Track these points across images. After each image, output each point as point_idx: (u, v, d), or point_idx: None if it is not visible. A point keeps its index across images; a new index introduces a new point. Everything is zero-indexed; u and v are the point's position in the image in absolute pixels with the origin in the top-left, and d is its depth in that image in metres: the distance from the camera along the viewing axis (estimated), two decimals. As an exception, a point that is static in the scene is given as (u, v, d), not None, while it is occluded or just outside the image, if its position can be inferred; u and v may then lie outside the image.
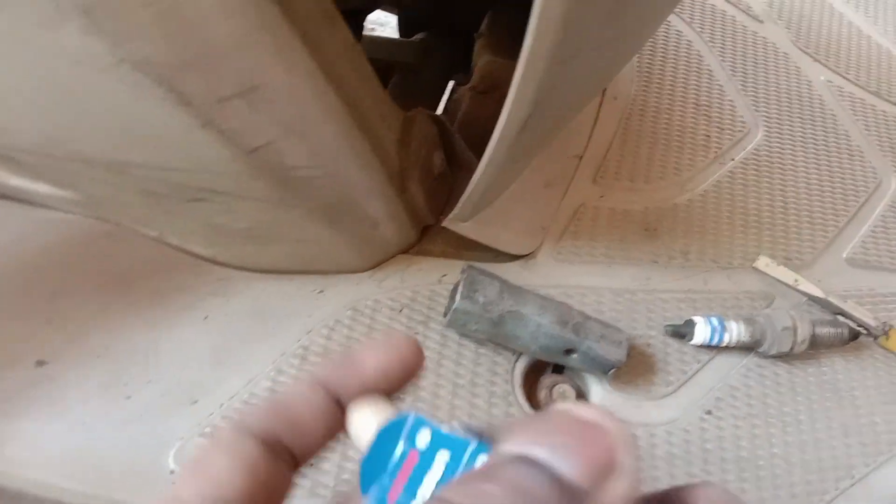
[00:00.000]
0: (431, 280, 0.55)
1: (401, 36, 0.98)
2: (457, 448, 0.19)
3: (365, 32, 0.94)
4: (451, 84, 0.92)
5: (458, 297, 0.49)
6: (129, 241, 0.50)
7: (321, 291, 0.52)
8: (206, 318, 0.50)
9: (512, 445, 0.18)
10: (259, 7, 0.36)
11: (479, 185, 0.49)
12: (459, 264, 0.56)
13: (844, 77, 0.86)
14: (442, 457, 0.19)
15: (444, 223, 0.55)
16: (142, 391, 0.47)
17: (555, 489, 0.17)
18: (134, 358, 0.48)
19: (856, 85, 0.85)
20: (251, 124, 0.40)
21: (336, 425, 0.26)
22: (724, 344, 0.56)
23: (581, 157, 0.65)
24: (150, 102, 0.37)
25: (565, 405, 0.18)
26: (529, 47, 0.36)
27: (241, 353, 0.49)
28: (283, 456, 0.25)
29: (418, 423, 0.20)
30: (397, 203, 0.51)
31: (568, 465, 0.17)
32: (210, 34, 0.35)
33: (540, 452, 0.17)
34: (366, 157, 0.46)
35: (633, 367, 0.55)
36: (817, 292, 0.62)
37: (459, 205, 0.52)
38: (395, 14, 0.94)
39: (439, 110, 0.82)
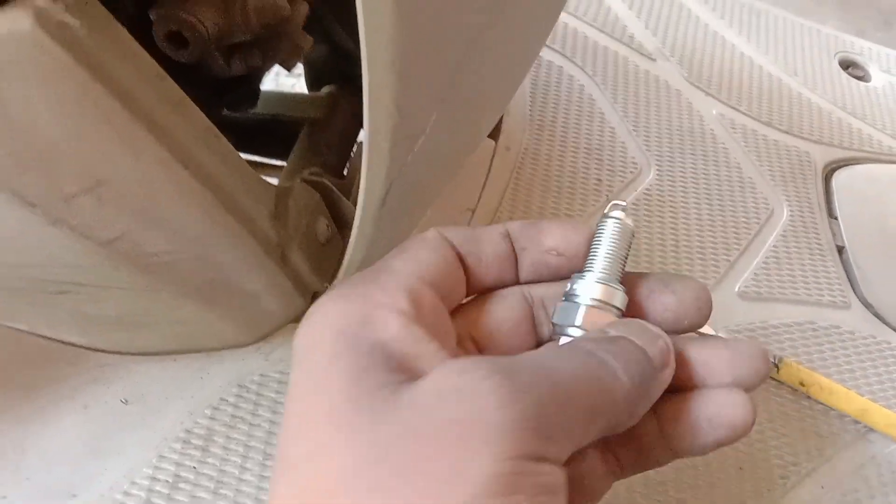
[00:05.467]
0: (321, 348, 0.55)
1: (308, 90, 0.98)
2: None
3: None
4: (361, 135, 0.93)
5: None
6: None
7: (205, 370, 0.52)
8: (85, 407, 0.49)
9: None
10: (96, 104, 0.35)
11: (354, 260, 0.49)
12: (351, 329, 0.56)
13: (736, 109, 0.88)
14: None
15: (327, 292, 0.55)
16: (18, 490, 0.46)
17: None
18: (8, 456, 0.47)
19: (747, 116, 0.88)
20: (102, 218, 0.39)
21: (507, 273, 0.32)
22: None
23: (473, 211, 0.66)
24: (-8, 206, 0.37)
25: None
26: (368, 132, 0.37)
27: (122, 441, 0.48)
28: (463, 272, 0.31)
29: None
30: (279, 275, 0.51)
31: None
32: (44, 135, 0.35)
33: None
34: (235, 235, 0.46)
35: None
36: (707, 329, 0.63)
37: (340, 275, 0.52)
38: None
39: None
